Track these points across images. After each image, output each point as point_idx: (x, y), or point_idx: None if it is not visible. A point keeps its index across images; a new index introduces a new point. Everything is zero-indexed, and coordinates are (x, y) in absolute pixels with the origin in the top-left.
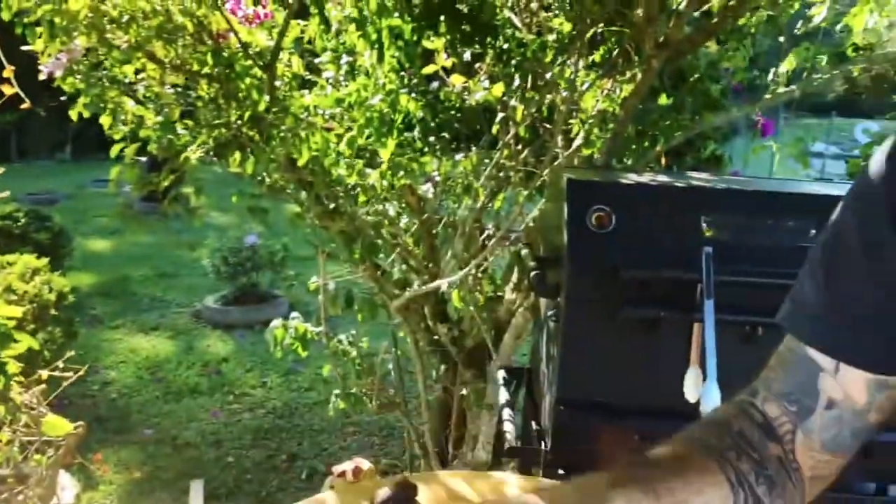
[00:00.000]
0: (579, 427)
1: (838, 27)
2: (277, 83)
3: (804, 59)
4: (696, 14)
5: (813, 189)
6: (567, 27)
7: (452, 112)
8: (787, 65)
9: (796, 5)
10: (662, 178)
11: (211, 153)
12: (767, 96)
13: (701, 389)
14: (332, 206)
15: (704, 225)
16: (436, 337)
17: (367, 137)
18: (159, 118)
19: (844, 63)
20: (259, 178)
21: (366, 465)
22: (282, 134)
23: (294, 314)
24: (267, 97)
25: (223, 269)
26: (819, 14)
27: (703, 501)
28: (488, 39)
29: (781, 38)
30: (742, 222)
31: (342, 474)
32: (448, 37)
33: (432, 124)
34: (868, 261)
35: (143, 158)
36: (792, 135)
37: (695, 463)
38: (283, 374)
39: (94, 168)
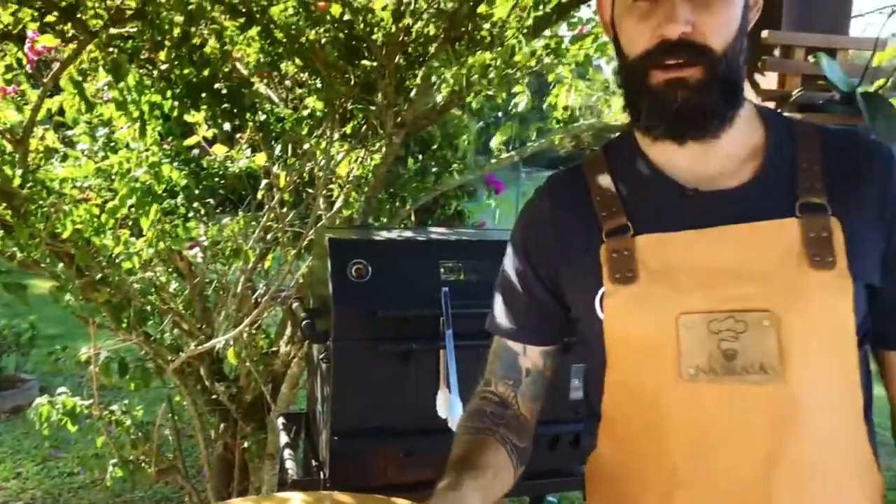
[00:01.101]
0: (353, 453)
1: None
2: (30, 157)
3: (509, 134)
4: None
5: None
6: (320, 105)
7: (216, 179)
8: (499, 137)
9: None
10: (408, 234)
11: None
12: (493, 161)
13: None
14: (97, 276)
15: (442, 270)
16: (214, 396)
17: (131, 207)
18: None
19: (551, 132)
20: (9, 253)
21: None
22: (43, 209)
23: (62, 389)
24: (20, 171)
25: None
26: (521, 101)
27: (500, 460)
28: (248, 114)
29: (500, 114)
30: (471, 265)
31: None
32: (209, 112)
33: (196, 191)
34: (519, 284)
35: None
36: (533, 188)
37: (483, 444)
38: (39, 462)
39: None
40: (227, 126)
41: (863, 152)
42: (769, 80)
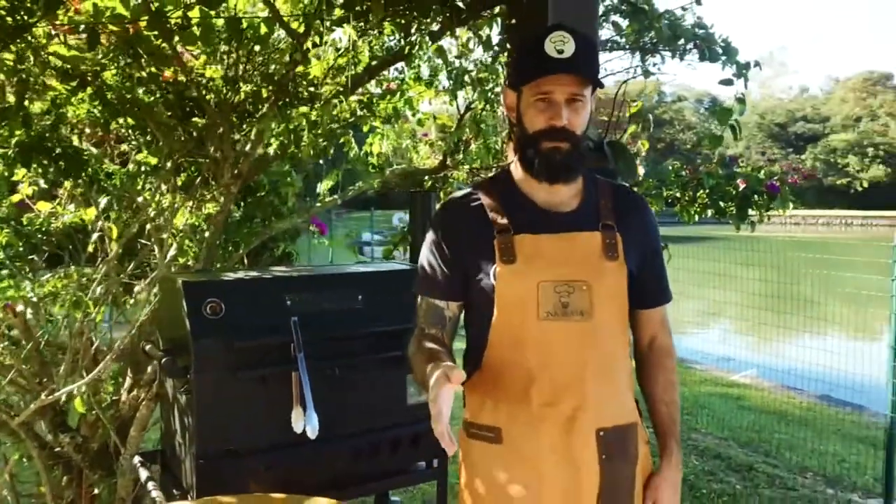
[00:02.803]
0: (217, 474)
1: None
2: None
3: (335, 180)
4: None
5: (357, 269)
6: (152, 160)
7: (41, 235)
8: (326, 184)
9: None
10: (254, 273)
11: None
12: (318, 205)
13: (304, 420)
14: None
15: (289, 302)
16: (57, 449)
17: None
18: None
19: (369, 177)
20: None
21: None
22: None
23: None
24: None
25: None
26: (351, 150)
27: (449, 359)
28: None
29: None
30: (314, 297)
31: None
32: (38, 170)
33: (20, 248)
34: (439, 259)
35: None
36: (345, 228)
37: (438, 349)
38: None
39: None
40: (41, 182)
41: (632, 199)
42: None
